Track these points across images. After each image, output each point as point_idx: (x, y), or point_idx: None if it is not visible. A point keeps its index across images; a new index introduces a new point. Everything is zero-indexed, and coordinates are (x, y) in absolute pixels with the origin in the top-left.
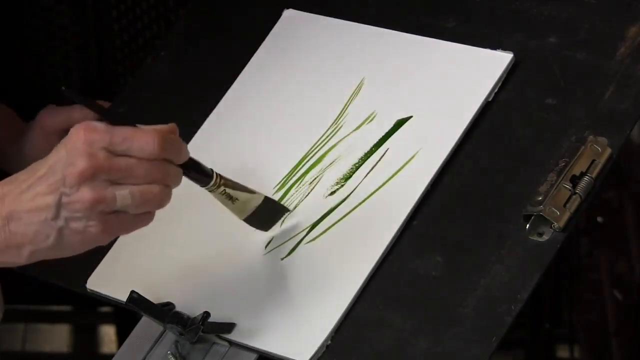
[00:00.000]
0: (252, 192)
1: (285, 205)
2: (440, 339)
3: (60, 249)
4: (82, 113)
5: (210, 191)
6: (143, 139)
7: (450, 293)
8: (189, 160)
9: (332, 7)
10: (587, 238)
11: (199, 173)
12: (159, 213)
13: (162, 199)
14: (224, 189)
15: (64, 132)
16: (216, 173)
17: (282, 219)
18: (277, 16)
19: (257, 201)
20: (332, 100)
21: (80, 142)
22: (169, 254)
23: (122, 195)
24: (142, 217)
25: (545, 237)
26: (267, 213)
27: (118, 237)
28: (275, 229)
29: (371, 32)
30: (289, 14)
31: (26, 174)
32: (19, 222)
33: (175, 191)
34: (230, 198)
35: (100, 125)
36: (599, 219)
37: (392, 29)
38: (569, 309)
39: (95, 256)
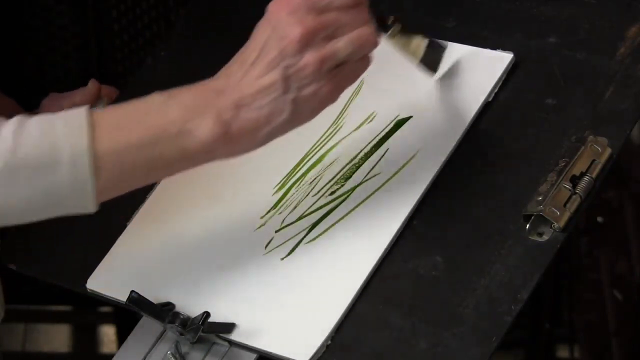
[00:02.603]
0: (416, 34)
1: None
2: (440, 339)
3: (294, 119)
4: (85, 97)
5: (392, 37)
6: None
7: (450, 293)
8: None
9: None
10: (587, 238)
11: (381, 20)
12: (160, 214)
13: (375, 38)
14: (400, 26)
15: None
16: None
17: (443, 57)
18: None
19: (425, 41)
20: None
21: (284, 13)
22: (169, 254)
23: (343, 45)
24: (362, 62)
25: (545, 237)
26: (433, 52)
27: (117, 237)
28: (438, 73)
29: None
30: None
31: (236, 63)
32: (249, 108)
33: (174, 191)
34: (409, 36)
35: None
36: (599, 219)
37: None
38: (569, 309)
39: (95, 256)
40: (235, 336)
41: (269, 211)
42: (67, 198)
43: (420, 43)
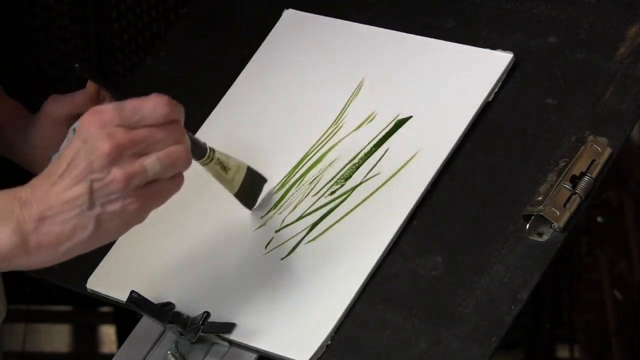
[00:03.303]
0: (236, 160)
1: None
2: (440, 339)
3: (98, 237)
4: (85, 98)
5: (205, 164)
6: (151, 104)
7: (450, 293)
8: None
9: (332, 7)
10: (587, 238)
11: (196, 144)
12: (160, 214)
13: (188, 157)
14: (218, 158)
15: (69, 118)
16: (207, 144)
17: (262, 191)
18: (277, 16)
19: (243, 170)
20: (332, 100)
21: (95, 127)
22: (169, 254)
23: (151, 163)
24: (174, 181)
25: (545, 237)
26: (251, 185)
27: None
28: (256, 207)
29: (371, 32)
30: (289, 14)
31: (44, 176)
32: (53, 221)
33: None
34: (224, 168)
35: (107, 106)
36: (599, 219)
37: (392, 29)
38: (569, 309)
39: (95, 256)
40: (235, 336)
41: (269, 211)
42: None
43: (238, 167)
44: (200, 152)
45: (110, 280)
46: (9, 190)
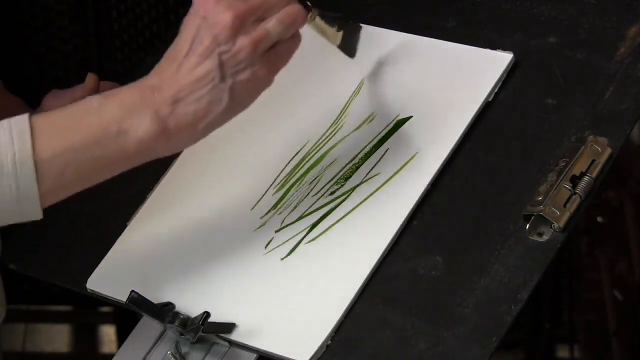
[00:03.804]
0: (333, 14)
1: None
2: (440, 339)
3: (233, 107)
4: (84, 92)
5: (311, 21)
6: None
7: (450, 293)
8: None
9: (332, 7)
10: (587, 238)
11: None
12: (159, 214)
13: (303, 14)
14: (318, 14)
15: None
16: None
17: (360, 38)
18: None
19: (340, 23)
20: (332, 100)
21: (212, 3)
22: (169, 254)
23: (273, 26)
24: (293, 40)
25: (545, 237)
26: (350, 34)
27: (118, 236)
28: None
29: (371, 32)
30: None
31: (169, 59)
32: (187, 100)
33: (174, 191)
34: (330, 21)
35: None
36: (599, 219)
37: (392, 29)
38: (569, 309)
39: (95, 256)
40: (235, 336)
41: (269, 211)
42: (11, 205)
43: (337, 27)
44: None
45: (110, 280)
46: (136, 82)
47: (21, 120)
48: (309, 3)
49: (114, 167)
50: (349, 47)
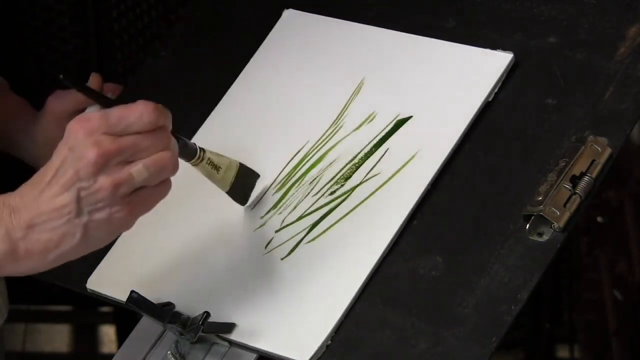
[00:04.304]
0: (228, 158)
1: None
2: (440, 339)
3: (86, 245)
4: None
5: (196, 165)
6: (138, 111)
7: (450, 293)
8: (173, 134)
9: (332, 7)
10: (587, 238)
11: (186, 146)
12: (160, 214)
13: (175, 163)
14: (209, 158)
15: (73, 115)
16: (197, 145)
17: (255, 187)
18: (277, 16)
19: (235, 168)
20: (332, 100)
21: (81, 135)
22: (169, 254)
23: (138, 170)
24: (161, 187)
25: (545, 237)
26: (243, 181)
27: (118, 236)
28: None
29: (371, 32)
30: (289, 14)
31: (33, 183)
32: (41, 228)
33: (174, 191)
34: (215, 167)
35: (93, 114)
36: (599, 219)
37: (392, 29)
38: (569, 309)
39: (95, 256)
40: (235, 336)
41: (269, 211)
42: None
43: (229, 165)
44: (190, 153)
45: (110, 280)
46: None
47: None
48: (198, 146)
49: None
50: (239, 194)
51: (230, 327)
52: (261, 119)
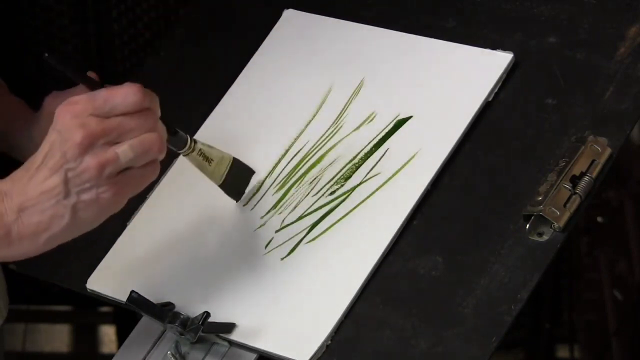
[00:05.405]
0: (221, 151)
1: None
2: (440, 339)
3: (76, 226)
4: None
5: (187, 155)
6: (123, 92)
7: (450, 293)
8: (163, 121)
9: (332, 7)
10: (587, 238)
11: (176, 134)
12: (160, 214)
13: (161, 145)
14: (200, 149)
15: None
16: (188, 136)
17: (249, 183)
18: (277, 16)
19: (228, 162)
20: (332, 100)
21: (68, 118)
22: (169, 254)
23: (124, 150)
24: (148, 168)
25: (545, 237)
26: (237, 176)
27: (120, 234)
28: (244, 199)
29: (371, 32)
30: (289, 14)
31: (24, 169)
32: (32, 211)
33: (174, 191)
34: (207, 159)
35: (80, 97)
36: (599, 219)
37: (392, 29)
38: (569, 309)
39: (95, 256)
40: (235, 336)
41: (269, 211)
42: None
43: (222, 158)
44: (180, 142)
45: (110, 280)
46: None
47: None
48: (185, 135)
49: None
50: (232, 189)
51: (230, 327)
52: (261, 119)
